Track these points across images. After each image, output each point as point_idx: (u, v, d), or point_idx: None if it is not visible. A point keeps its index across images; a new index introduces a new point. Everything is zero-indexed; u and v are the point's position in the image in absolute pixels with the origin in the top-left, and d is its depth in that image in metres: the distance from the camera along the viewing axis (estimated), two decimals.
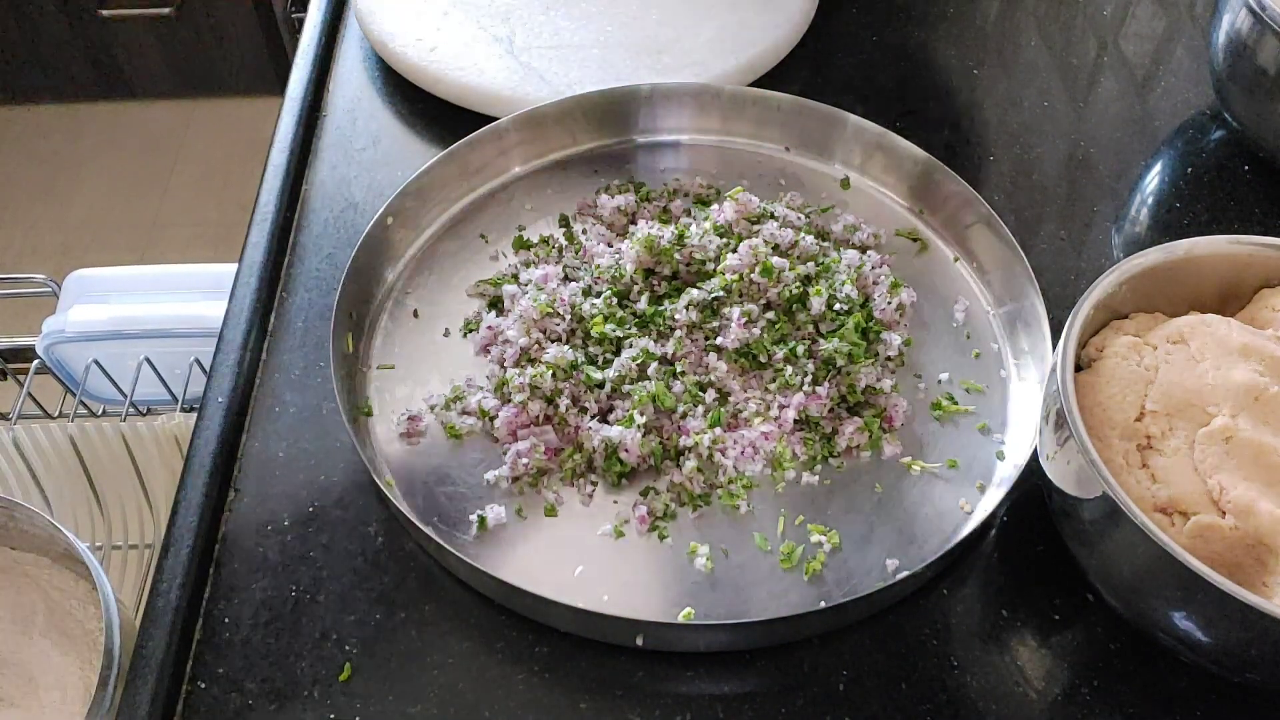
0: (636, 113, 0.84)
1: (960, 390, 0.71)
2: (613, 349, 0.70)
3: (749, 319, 0.70)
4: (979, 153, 0.87)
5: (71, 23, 2.12)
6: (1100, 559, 0.56)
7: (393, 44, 0.89)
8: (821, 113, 0.82)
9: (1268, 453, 0.54)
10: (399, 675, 0.59)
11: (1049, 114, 0.90)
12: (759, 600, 0.61)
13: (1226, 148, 0.87)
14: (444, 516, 0.65)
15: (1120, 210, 0.83)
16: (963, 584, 0.63)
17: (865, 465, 0.67)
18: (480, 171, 0.81)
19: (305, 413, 0.69)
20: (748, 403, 0.69)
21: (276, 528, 0.64)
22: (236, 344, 0.72)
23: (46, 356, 1.04)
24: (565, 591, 0.59)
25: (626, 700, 0.58)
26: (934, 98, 0.91)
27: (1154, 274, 0.62)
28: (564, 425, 0.67)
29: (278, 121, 0.86)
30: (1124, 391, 0.58)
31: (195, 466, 0.66)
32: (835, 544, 0.63)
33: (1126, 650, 0.60)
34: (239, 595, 0.62)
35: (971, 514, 0.65)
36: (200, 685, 0.59)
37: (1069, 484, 0.56)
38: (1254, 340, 0.58)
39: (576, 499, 0.66)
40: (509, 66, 0.87)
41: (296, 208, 0.82)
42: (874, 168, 0.82)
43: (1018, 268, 0.72)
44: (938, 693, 0.58)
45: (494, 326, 0.72)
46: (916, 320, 0.75)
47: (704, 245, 0.73)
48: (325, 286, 0.76)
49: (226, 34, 2.16)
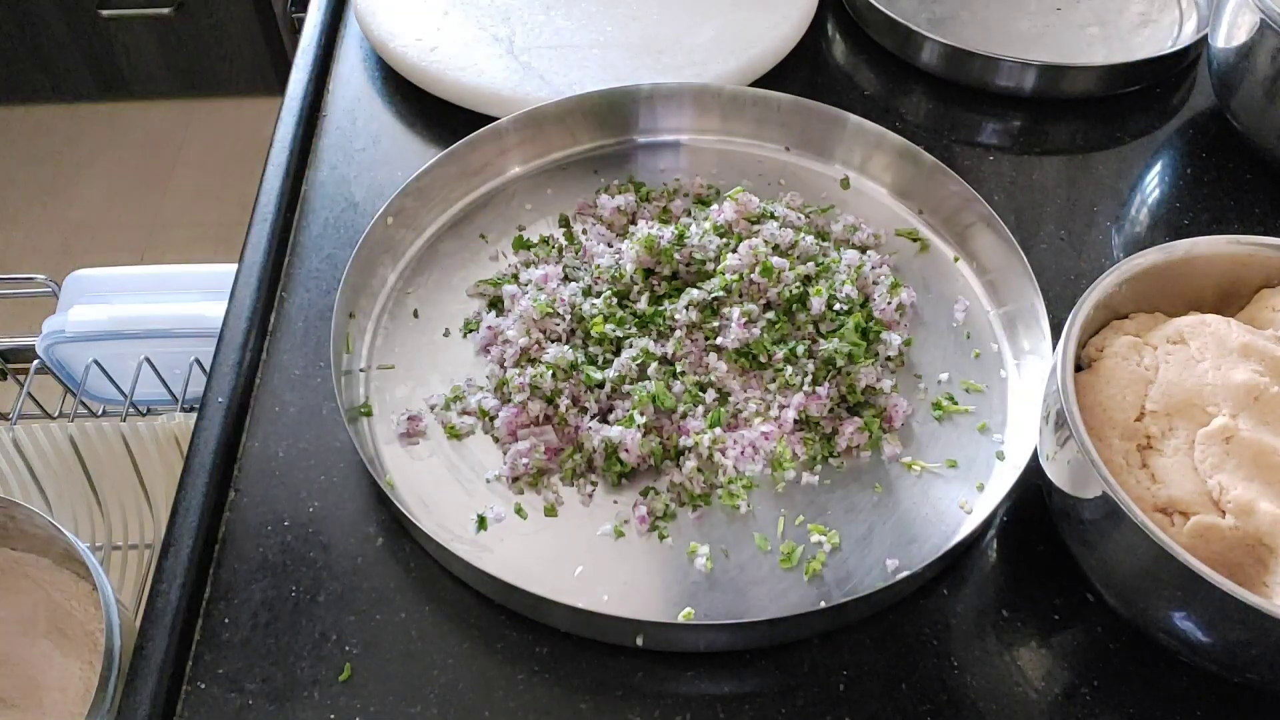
0: (636, 113, 0.84)
1: (960, 390, 0.71)
2: (613, 349, 0.70)
3: (749, 319, 0.70)
4: (979, 152, 0.87)
5: (71, 23, 2.12)
6: (1100, 559, 0.56)
7: (393, 44, 0.89)
8: (821, 113, 0.82)
9: (1268, 453, 0.54)
10: (399, 675, 0.59)
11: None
12: (759, 600, 0.61)
13: (1226, 148, 0.87)
14: (444, 516, 0.65)
15: (1120, 210, 0.83)
16: (963, 584, 0.63)
17: (865, 465, 0.67)
18: (480, 171, 0.81)
19: (305, 413, 0.69)
20: (748, 403, 0.69)
21: (276, 528, 0.64)
22: (236, 344, 0.72)
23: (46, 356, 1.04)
24: (565, 591, 0.59)
25: (626, 700, 0.58)
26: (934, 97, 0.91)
27: (1154, 274, 0.62)
28: (564, 425, 0.67)
29: (278, 121, 0.86)
30: (1124, 391, 0.58)
31: (195, 466, 0.66)
32: (835, 544, 0.63)
33: (1126, 650, 0.60)
34: (239, 595, 0.62)
35: (971, 514, 0.65)
36: (200, 685, 0.59)
37: (1069, 484, 0.56)
38: (1254, 340, 0.58)
39: (576, 499, 0.66)
40: (509, 66, 0.87)
41: (296, 208, 0.82)
42: (874, 168, 0.82)
43: (1018, 268, 0.72)
44: (938, 693, 0.58)
45: (494, 326, 0.72)
46: (916, 320, 0.75)
47: (704, 245, 0.73)
48: (325, 286, 0.76)
49: (226, 34, 2.16)
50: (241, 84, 2.26)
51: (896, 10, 0.92)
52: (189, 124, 2.32)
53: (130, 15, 2.09)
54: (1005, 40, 0.94)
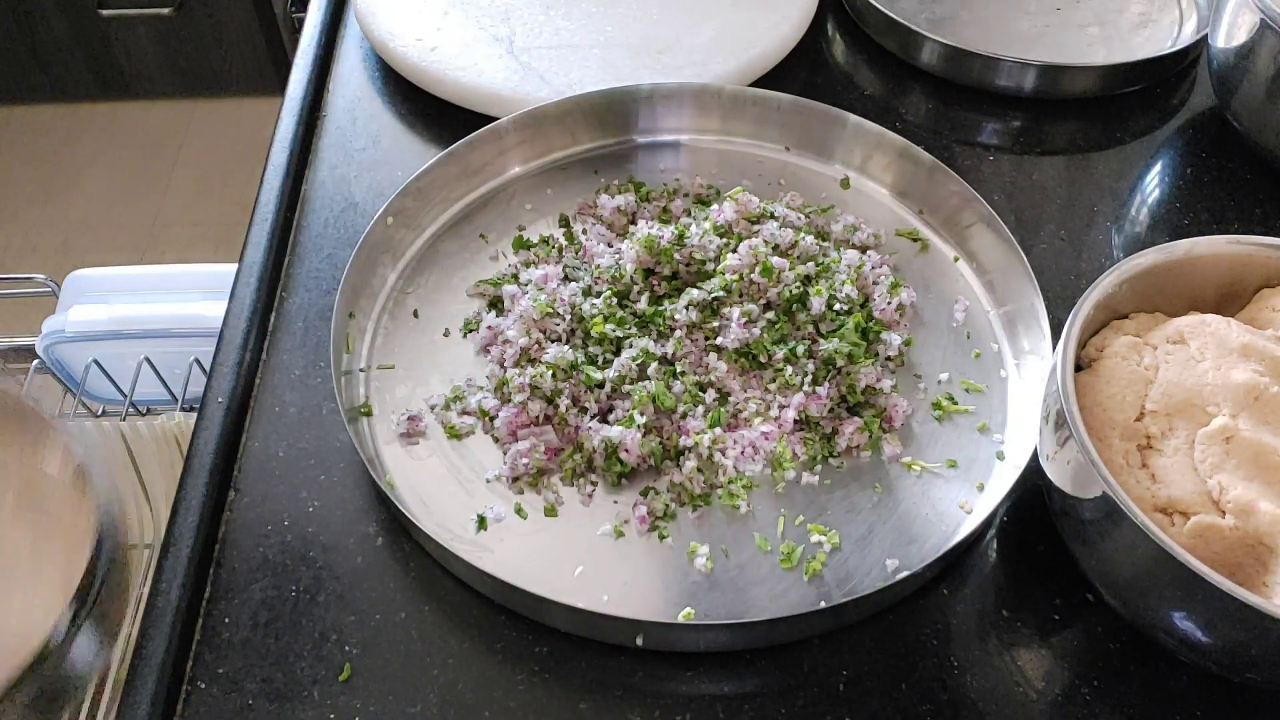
0: (636, 113, 0.84)
1: (960, 390, 0.71)
2: (613, 349, 0.70)
3: (749, 319, 0.70)
4: (979, 152, 0.87)
5: (71, 23, 2.12)
6: (1100, 559, 0.56)
7: (393, 44, 0.89)
8: (821, 113, 0.82)
9: (1268, 453, 0.54)
10: (399, 675, 0.59)
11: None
12: (759, 600, 0.61)
13: (1226, 148, 0.87)
14: (444, 516, 0.64)
15: (1120, 210, 0.83)
16: (963, 584, 0.63)
17: (865, 465, 0.67)
18: (480, 171, 0.81)
19: (305, 413, 0.69)
20: (748, 403, 0.69)
21: (276, 528, 0.64)
22: (236, 344, 0.72)
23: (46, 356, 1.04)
24: (565, 591, 0.59)
25: (626, 700, 0.58)
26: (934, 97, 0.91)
27: (1154, 274, 0.62)
28: (564, 425, 0.67)
29: (278, 121, 0.86)
30: (1124, 391, 0.58)
31: (195, 466, 0.66)
32: (835, 544, 0.63)
33: (1126, 650, 0.60)
34: (239, 595, 0.62)
35: (971, 514, 0.65)
36: (200, 685, 0.59)
37: (1069, 484, 0.56)
38: (1254, 340, 0.58)
39: (576, 499, 0.66)
40: (509, 66, 0.87)
41: (296, 208, 0.82)
42: (874, 168, 0.82)
43: (1018, 268, 0.72)
44: (938, 693, 0.58)
45: (494, 326, 0.72)
46: (916, 320, 0.75)
47: (704, 245, 0.73)
48: (325, 286, 0.76)
49: (226, 34, 2.16)
50: (241, 84, 2.26)
51: (896, 10, 0.92)
52: (189, 124, 2.32)
53: (130, 15, 2.09)
54: (1005, 40, 0.94)
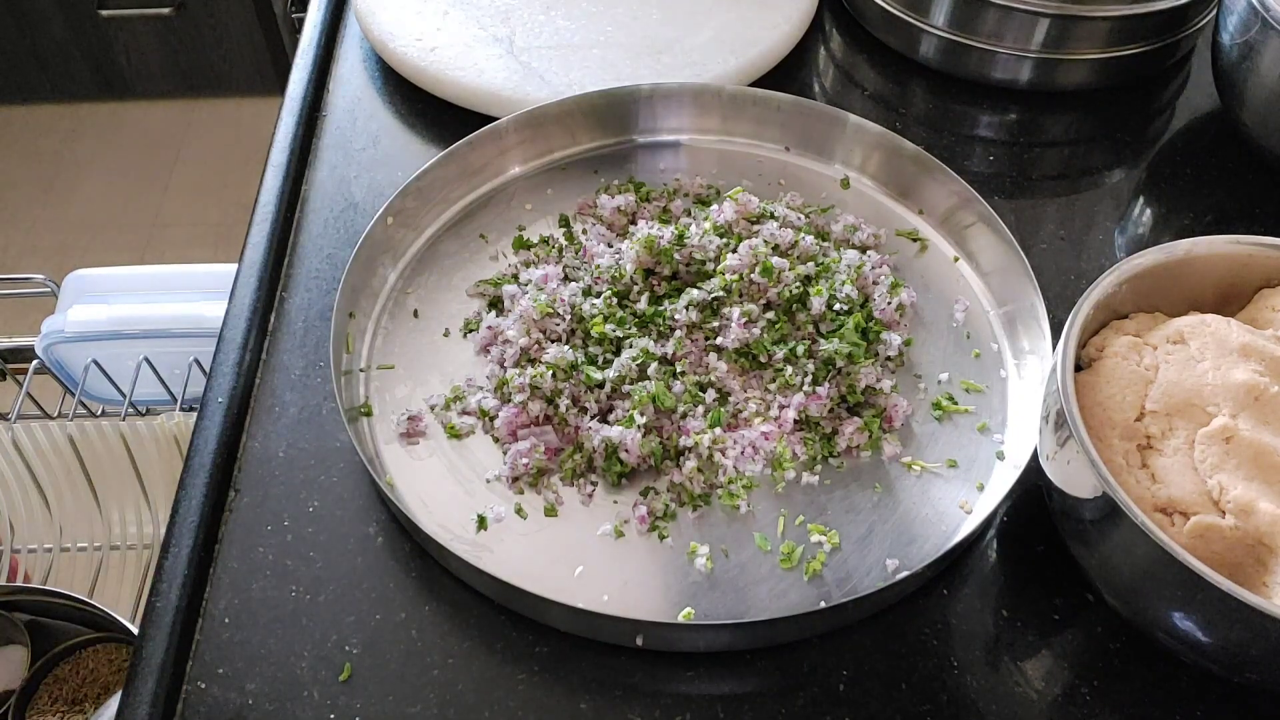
0: (636, 113, 0.84)
1: (960, 390, 0.71)
2: (613, 349, 0.70)
3: (749, 319, 0.70)
4: (980, 153, 0.87)
5: (71, 22, 2.12)
6: (1100, 559, 0.56)
7: (393, 44, 0.89)
8: (821, 113, 0.82)
9: (1268, 453, 0.54)
10: (399, 675, 0.59)
11: None
12: (759, 600, 0.61)
13: (1227, 148, 0.87)
14: (444, 516, 0.64)
15: (1120, 210, 0.83)
16: (963, 584, 0.63)
17: (865, 465, 0.67)
18: (480, 171, 0.81)
19: (305, 413, 0.69)
20: (748, 403, 0.69)
21: (276, 528, 0.64)
22: (236, 344, 0.72)
23: (46, 356, 1.04)
24: (565, 591, 0.59)
25: (626, 700, 0.58)
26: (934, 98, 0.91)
27: (1154, 274, 0.62)
28: (564, 425, 0.67)
29: (278, 121, 0.86)
30: (1124, 391, 0.58)
31: (195, 466, 0.66)
32: (835, 544, 0.63)
33: (1126, 650, 0.60)
34: (239, 595, 0.62)
35: (971, 514, 0.65)
36: (200, 685, 0.59)
37: (1069, 484, 0.56)
38: (1254, 340, 0.58)
39: (576, 499, 0.66)
40: (509, 66, 0.87)
41: (296, 208, 0.82)
42: (874, 168, 0.82)
43: (1018, 267, 0.72)
44: (938, 693, 0.58)
45: (494, 326, 0.72)
46: (916, 320, 0.75)
47: (704, 245, 0.73)
48: (325, 286, 0.76)
49: (226, 34, 2.16)
50: (241, 84, 2.26)
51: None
52: (189, 124, 2.32)
53: (130, 15, 2.09)
54: None
